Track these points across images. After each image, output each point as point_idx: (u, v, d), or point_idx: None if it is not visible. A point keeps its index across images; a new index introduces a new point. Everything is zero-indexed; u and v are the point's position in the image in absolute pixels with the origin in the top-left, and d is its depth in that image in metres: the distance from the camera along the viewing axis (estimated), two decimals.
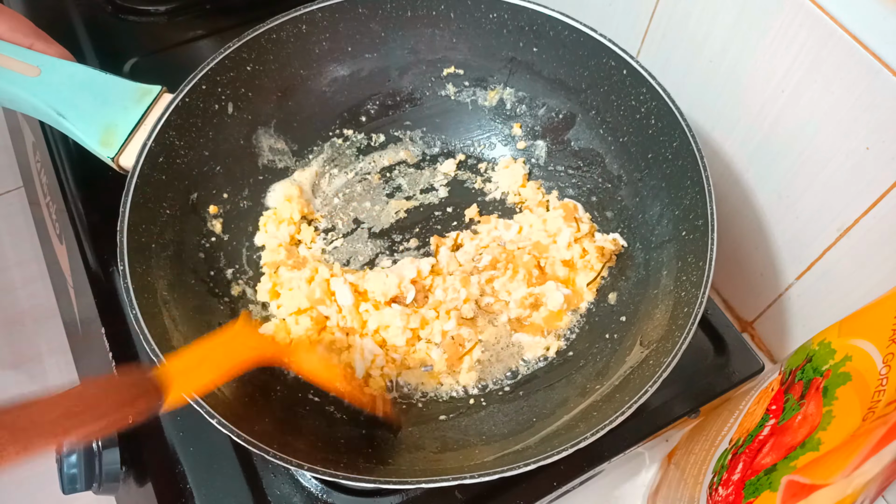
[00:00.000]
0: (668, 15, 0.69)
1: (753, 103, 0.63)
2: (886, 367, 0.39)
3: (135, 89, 0.61)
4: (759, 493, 0.43)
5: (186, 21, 0.85)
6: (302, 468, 0.46)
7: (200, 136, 0.62)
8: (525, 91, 0.72)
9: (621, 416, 0.48)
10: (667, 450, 0.65)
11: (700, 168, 0.57)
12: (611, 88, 0.65)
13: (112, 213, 0.55)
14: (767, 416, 0.47)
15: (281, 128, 0.69)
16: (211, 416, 0.47)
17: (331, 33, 0.68)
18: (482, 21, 0.69)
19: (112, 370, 0.61)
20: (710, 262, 0.54)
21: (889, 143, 0.52)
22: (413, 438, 0.56)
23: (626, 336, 0.60)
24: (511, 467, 0.47)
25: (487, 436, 0.56)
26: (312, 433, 0.53)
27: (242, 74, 0.64)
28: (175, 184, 0.59)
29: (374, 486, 0.48)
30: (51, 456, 0.56)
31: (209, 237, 0.63)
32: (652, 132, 0.62)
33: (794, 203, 0.63)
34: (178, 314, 0.55)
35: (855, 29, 0.52)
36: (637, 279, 0.63)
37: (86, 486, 0.56)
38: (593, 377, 0.58)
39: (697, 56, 0.67)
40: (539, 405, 0.58)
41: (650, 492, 0.63)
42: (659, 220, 0.62)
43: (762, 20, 0.59)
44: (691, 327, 0.51)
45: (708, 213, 0.56)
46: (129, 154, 0.59)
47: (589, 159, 0.70)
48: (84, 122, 0.60)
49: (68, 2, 0.85)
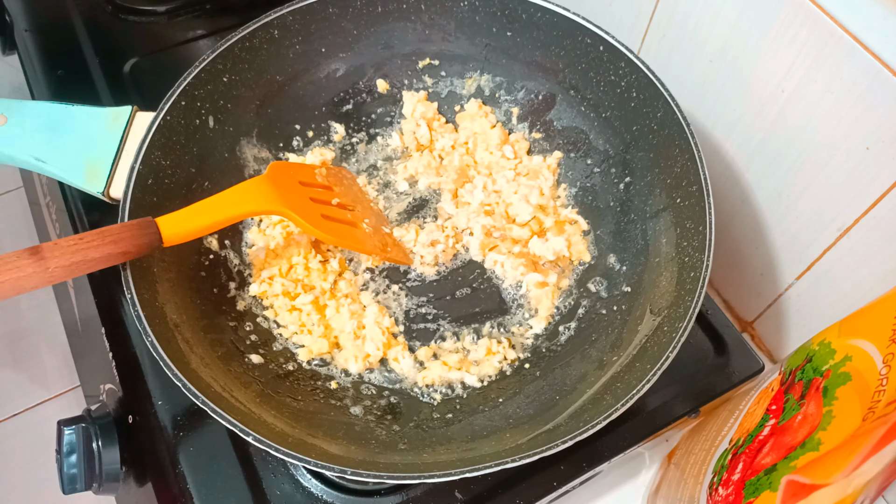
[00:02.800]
0: (668, 15, 0.69)
1: (753, 103, 0.63)
2: (886, 367, 0.39)
3: (106, 114, 0.60)
4: (759, 493, 0.43)
5: (186, 21, 0.85)
6: (345, 474, 0.46)
7: (185, 153, 0.62)
8: (502, 76, 0.72)
9: (647, 384, 0.49)
10: (667, 450, 0.65)
11: (687, 135, 0.58)
12: (589, 65, 0.66)
13: (112, 212, 0.55)
14: (767, 416, 0.47)
15: (263, 136, 0.69)
16: (246, 434, 0.47)
17: (303, 36, 0.68)
18: (453, 10, 0.69)
19: (112, 370, 0.61)
20: (709, 224, 0.55)
21: (889, 143, 0.52)
22: (442, 431, 0.56)
23: (633, 306, 0.60)
24: (549, 446, 0.47)
25: (514, 419, 0.56)
26: (344, 439, 0.53)
27: (220, 86, 0.64)
28: (167, 204, 0.59)
29: (419, 482, 0.48)
30: (51, 456, 0.56)
31: (207, 255, 0.63)
32: (634, 105, 0.63)
33: (794, 203, 0.63)
34: (190, 336, 0.55)
35: (855, 29, 0.52)
36: (636, 249, 0.63)
37: (86, 486, 0.56)
38: (608, 349, 0.58)
39: (698, 56, 0.67)
40: (559, 383, 0.58)
41: (650, 492, 0.63)
42: (651, 189, 0.63)
43: (762, 20, 0.59)
44: (701, 290, 0.52)
45: (701, 177, 0.56)
46: (117, 184, 0.58)
47: (573, 137, 0.70)
48: (65, 162, 0.58)
49: (68, 2, 0.85)
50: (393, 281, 0.66)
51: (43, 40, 0.82)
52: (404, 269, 0.67)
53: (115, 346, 0.61)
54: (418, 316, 0.65)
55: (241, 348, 0.59)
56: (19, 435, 0.82)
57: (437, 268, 0.67)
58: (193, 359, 0.53)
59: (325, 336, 0.62)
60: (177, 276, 0.58)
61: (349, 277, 0.65)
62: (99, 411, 0.59)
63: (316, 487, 0.55)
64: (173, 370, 0.49)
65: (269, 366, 0.59)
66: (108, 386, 0.64)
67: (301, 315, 0.62)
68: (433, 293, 0.66)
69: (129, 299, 0.51)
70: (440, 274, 0.67)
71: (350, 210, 0.65)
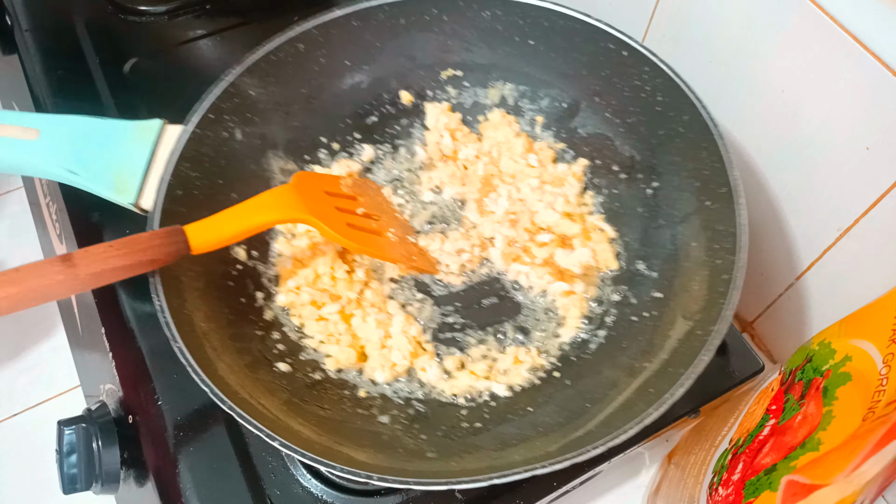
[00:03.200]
0: (668, 15, 0.69)
1: (753, 103, 0.63)
2: (886, 367, 0.39)
3: (136, 128, 0.60)
4: (759, 493, 0.43)
5: (186, 21, 0.85)
6: (371, 479, 0.46)
7: (213, 165, 0.62)
8: (526, 85, 0.72)
9: (680, 387, 0.48)
10: (667, 450, 0.65)
11: (714, 137, 0.57)
12: (612, 71, 0.65)
13: (112, 212, 0.55)
14: (767, 416, 0.47)
15: (289, 148, 0.69)
16: (272, 440, 0.47)
17: (327, 49, 0.68)
18: (475, 20, 0.69)
19: (112, 370, 0.61)
20: (740, 226, 0.54)
21: (889, 143, 0.52)
22: (470, 440, 0.56)
23: (665, 311, 0.59)
24: (580, 451, 0.46)
25: (544, 427, 0.55)
26: (371, 447, 0.53)
27: (247, 100, 0.65)
28: (195, 214, 0.59)
29: (447, 489, 0.47)
30: (51, 456, 0.56)
31: (234, 265, 0.63)
32: (660, 109, 0.62)
33: (794, 203, 0.63)
34: (217, 344, 0.55)
35: (855, 29, 0.52)
36: (666, 255, 0.62)
37: (86, 486, 0.56)
38: (639, 356, 0.57)
39: (698, 56, 0.67)
40: (589, 391, 0.57)
41: (650, 492, 0.63)
42: (679, 193, 0.62)
43: (763, 21, 0.59)
44: (733, 293, 0.51)
45: (730, 179, 0.55)
46: (147, 195, 0.59)
47: (598, 144, 0.69)
48: (96, 174, 0.59)
49: (69, 2, 0.85)
50: (419, 290, 0.66)
51: (43, 40, 0.82)
52: (430, 278, 0.66)
53: (114, 346, 0.61)
54: (445, 325, 0.64)
55: (269, 357, 0.59)
56: (19, 435, 0.82)
57: (463, 277, 0.66)
58: (221, 366, 0.53)
59: (352, 346, 0.61)
60: (205, 285, 0.58)
61: (375, 287, 0.65)
62: (99, 411, 0.59)
63: (316, 487, 0.55)
64: (201, 376, 0.49)
65: (296, 374, 0.58)
66: (108, 386, 0.64)
67: (328, 325, 0.62)
68: (459, 302, 0.65)
69: (159, 307, 0.51)
70: (466, 283, 0.66)
71: (375, 220, 0.65)
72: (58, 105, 0.75)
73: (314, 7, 0.72)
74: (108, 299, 0.64)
